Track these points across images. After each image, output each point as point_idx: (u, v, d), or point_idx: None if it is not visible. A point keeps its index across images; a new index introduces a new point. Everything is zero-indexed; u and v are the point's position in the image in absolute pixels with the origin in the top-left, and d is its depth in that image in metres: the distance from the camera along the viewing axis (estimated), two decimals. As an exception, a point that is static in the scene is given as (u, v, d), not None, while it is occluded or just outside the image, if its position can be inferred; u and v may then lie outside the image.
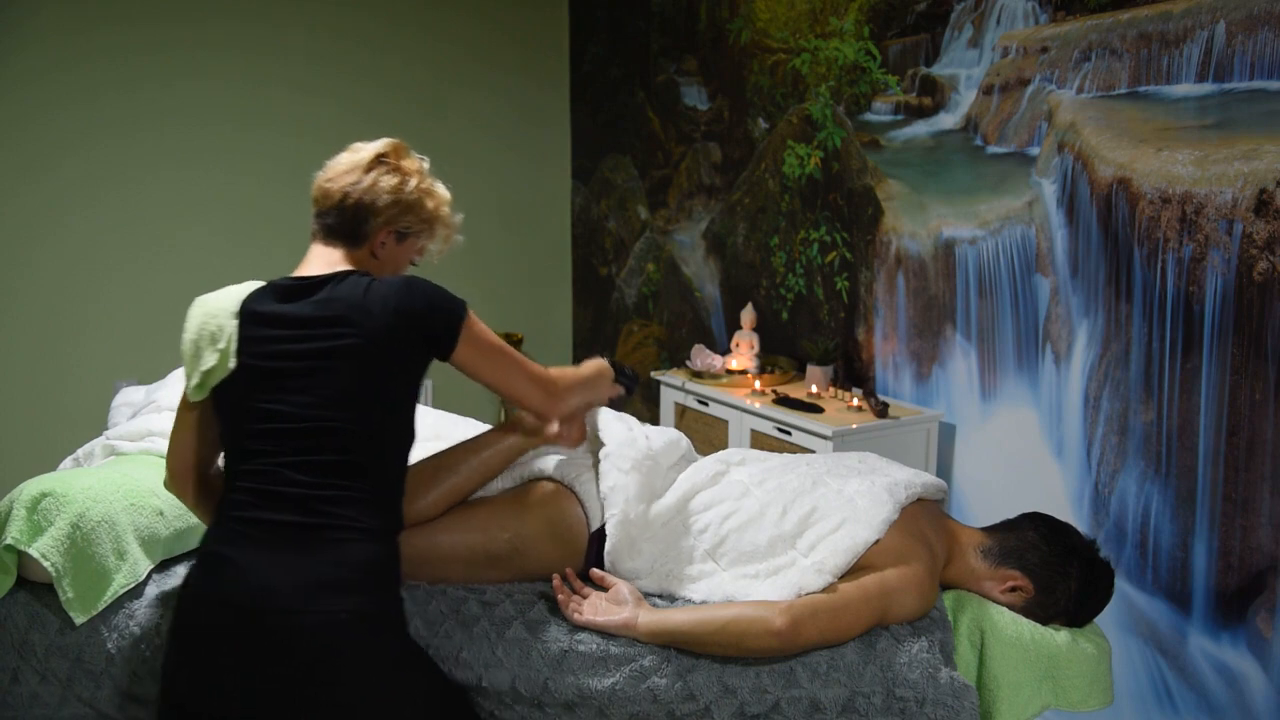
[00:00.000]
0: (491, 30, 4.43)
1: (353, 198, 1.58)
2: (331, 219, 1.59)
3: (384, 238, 1.61)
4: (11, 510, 1.64)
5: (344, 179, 1.60)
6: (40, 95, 3.61)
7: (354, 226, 1.59)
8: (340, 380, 1.47)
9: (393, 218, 1.61)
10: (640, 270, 4.28)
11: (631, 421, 1.90)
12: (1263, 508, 2.17)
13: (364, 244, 1.60)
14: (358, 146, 1.66)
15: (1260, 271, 2.13)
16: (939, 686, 1.59)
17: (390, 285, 1.51)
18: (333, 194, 1.60)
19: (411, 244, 1.67)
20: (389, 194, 1.60)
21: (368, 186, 1.59)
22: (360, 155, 1.63)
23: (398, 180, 1.62)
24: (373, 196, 1.59)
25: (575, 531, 1.74)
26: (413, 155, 1.69)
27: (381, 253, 1.62)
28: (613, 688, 1.56)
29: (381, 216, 1.60)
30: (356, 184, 1.59)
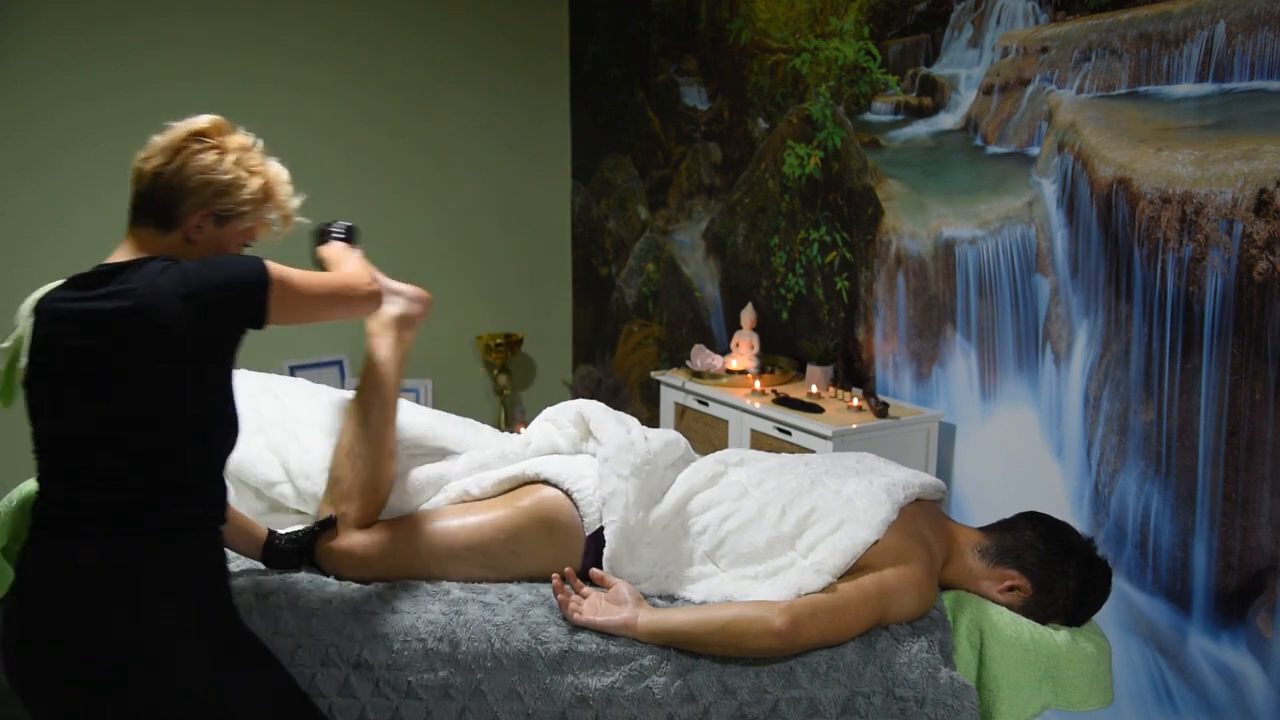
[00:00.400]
0: (491, 30, 4.43)
1: (164, 178, 1.47)
2: (141, 201, 1.49)
3: (199, 220, 1.50)
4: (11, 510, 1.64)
5: (157, 158, 1.48)
6: (40, 95, 3.61)
7: (164, 209, 1.48)
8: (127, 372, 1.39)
9: (207, 199, 1.49)
10: (640, 270, 4.28)
11: (631, 423, 1.90)
12: (1263, 508, 2.17)
13: (176, 228, 1.49)
14: (176, 124, 1.53)
15: (1260, 271, 2.13)
16: (939, 686, 1.59)
17: (184, 269, 1.42)
18: (145, 174, 1.48)
19: (235, 227, 1.54)
20: (201, 174, 1.48)
21: (179, 166, 1.47)
22: (175, 133, 1.51)
23: (213, 159, 1.49)
24: (183, 177, 1.47)
25: (571, 535, 1.74)
26: (239, 132, 1.57)
27: (198, 236, 1.51)
28: (612, 687, 1.56)
29: (193, 198, 1.48)
30: (168, 164, 1.47)
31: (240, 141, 1.55)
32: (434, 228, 4.44)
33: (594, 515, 1.73)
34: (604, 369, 4.60)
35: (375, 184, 4.26)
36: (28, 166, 3.62)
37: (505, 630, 1.60)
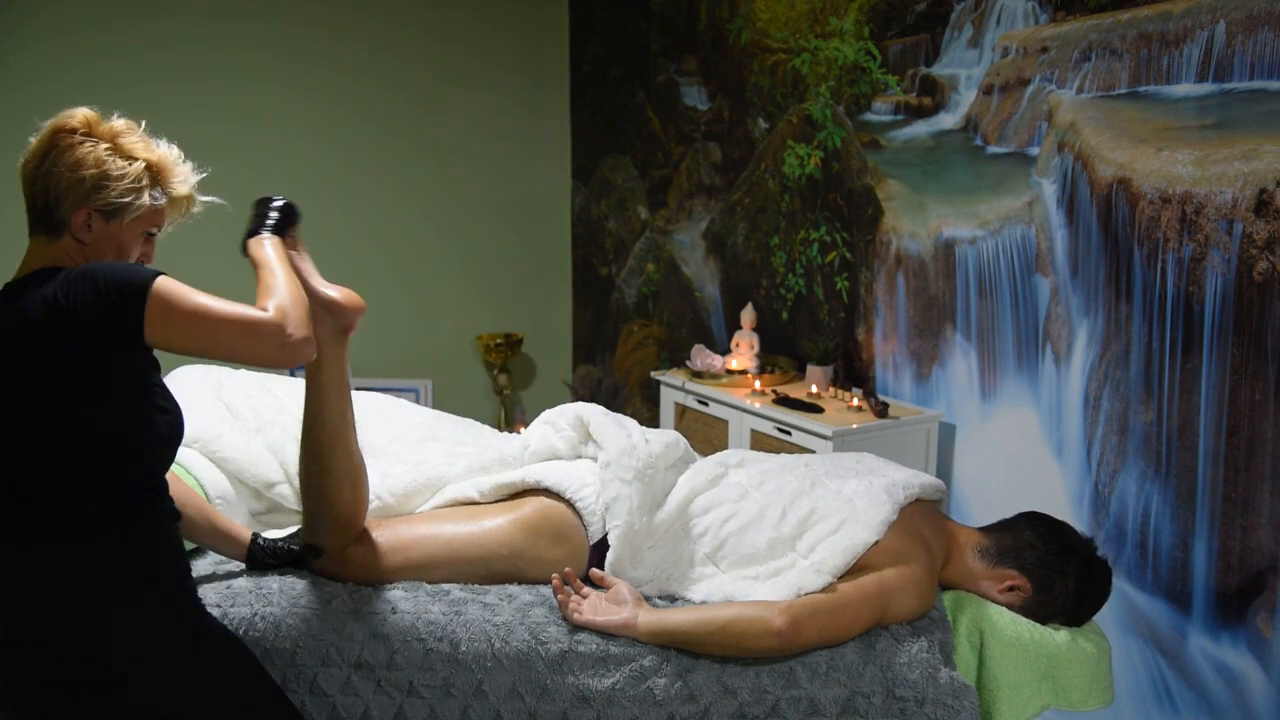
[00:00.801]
0: (491, 30, 4.44)
1: (39, 181, 1.40)
2: (30, 208, 1.41)
3: (84, 219, 1.40)
4: None
5: (31, 162, 1.41)
6: (40, 95, 3.61)
7: (46, 213, 1.40)
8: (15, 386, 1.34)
9: (83, 196, 1.39)
10: (640, 270, 4.28)
11: (631, 426, 1.89)
12: (1263, 508, 2.17)
13: (63, 231, 1.40)
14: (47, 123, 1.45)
15: (1260, 271, 2.13)
16: (939, 686, 1.59)
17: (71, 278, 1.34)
18: (24, 180, 1.41)
19: (125, 220, 1.43)
20: (71, 170, 1.39)
21: (49, 167, 1.39)
22: (42, 132, 1.43)
23: (82, 153, 1.40)
24: (56, 177, 1.39)
25: (575, 544, 1.73)
26: (116, 119, 1.47)
27: (88, 236, 1.41)
28: (613, 688, 1.56)
29: (70, 197, 1.39)
30: (40, 165, 1.40)
31: (112, 129, 1.44)
32: (434, 228, 4.44)
33: (597, 524, 1.73)
34: (604, 369, 4.60)
35: (375, 184, 4.26)
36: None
37: (505, 630, 1.60)
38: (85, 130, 1.42)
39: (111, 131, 1.44)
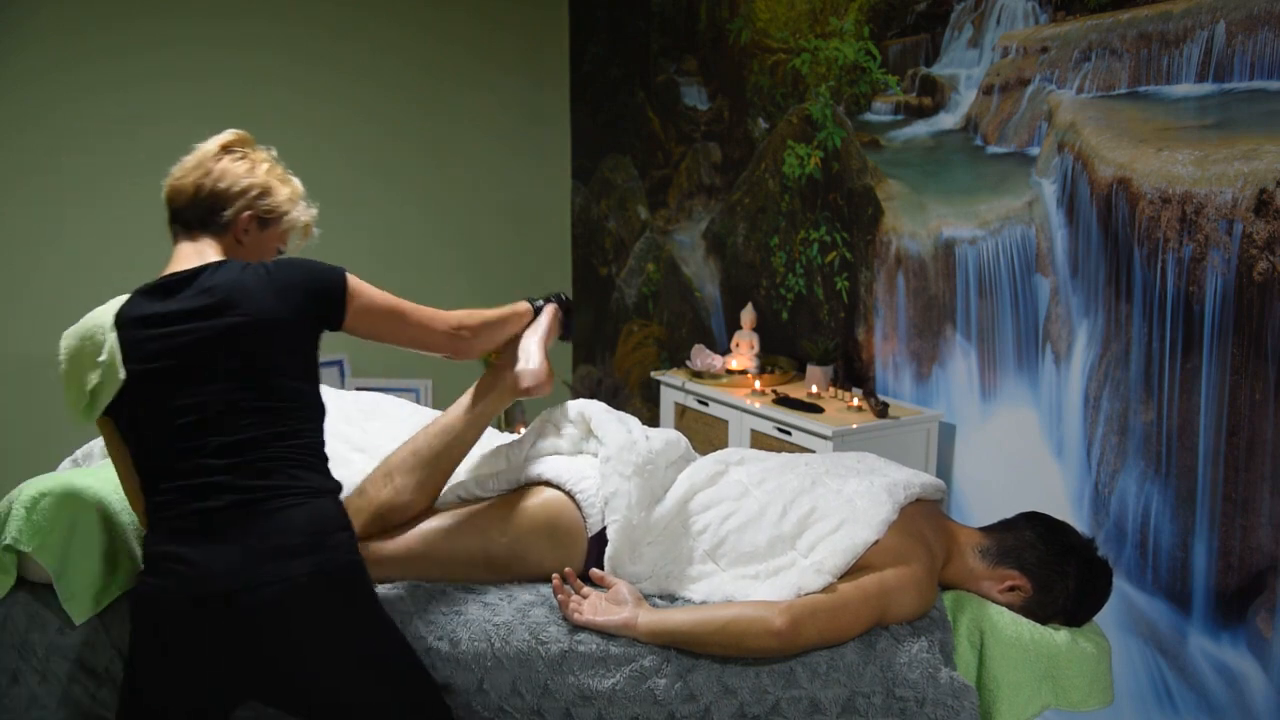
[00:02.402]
0: (492, 30, 4.43)
1: (205, 188, 1.59)
2: (189, 213, 1.60)
3: (246, 224, 1.61)
4: (11, 510, 1.64)
5: (193, 174, 1.61)
6: (40, 95, 3.61)
7: (212, 215, 1.60)
8: (239, 359, 1.48)
9: (250, 201, 1.61)
10: (640, 270, 4.28)
11: (632, 423, 1.90)
12: (1263, 508, 2.17)
13: (227, 232, 1.61)
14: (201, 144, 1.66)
15: (1260, 271, 2.13)
16: (939, 686, 1.59)
17: (264, 264, 1.54)
18: (185, 189, 1.60)
19: (275, 231, 1.66)
20: (240, 178, 1.61)
21: (218, 174, 1.60)
22: (206, 148, 1.64)
23: (247, 165, 1.63)
24: (226, 183, 1.60)
25: (574, 536, 1.74)
26: (259, 146, 1.70)
27: (246, 239, 1.62)
28: (613, 688, 1.56)
29: (238, 201, 1.60)
30: (207, 174, 1.60)
31: (264, 153, 1.69)
32: (434, 228, 4.44)
33: (597, 516, 1.73)
34: (604, 369, 4.60)
35: (375, 184, 4.26)
36: (28, 166, 3.62)
37: (505, 630, 1.60)
38: (242, 148, 1.65)
39: (266, 156, 1.68)
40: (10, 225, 3.64)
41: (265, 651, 1.42)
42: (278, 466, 1.48)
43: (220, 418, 1.47)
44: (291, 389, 1.52)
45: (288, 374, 1.52)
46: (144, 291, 1.54)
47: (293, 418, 1.51)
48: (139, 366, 1.48)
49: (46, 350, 3.71)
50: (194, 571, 1.41)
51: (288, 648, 1.42)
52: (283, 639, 1.42)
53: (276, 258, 1.59)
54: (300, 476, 1.49)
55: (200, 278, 1.52)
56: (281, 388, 1.51)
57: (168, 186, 1.63)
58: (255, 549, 1.42)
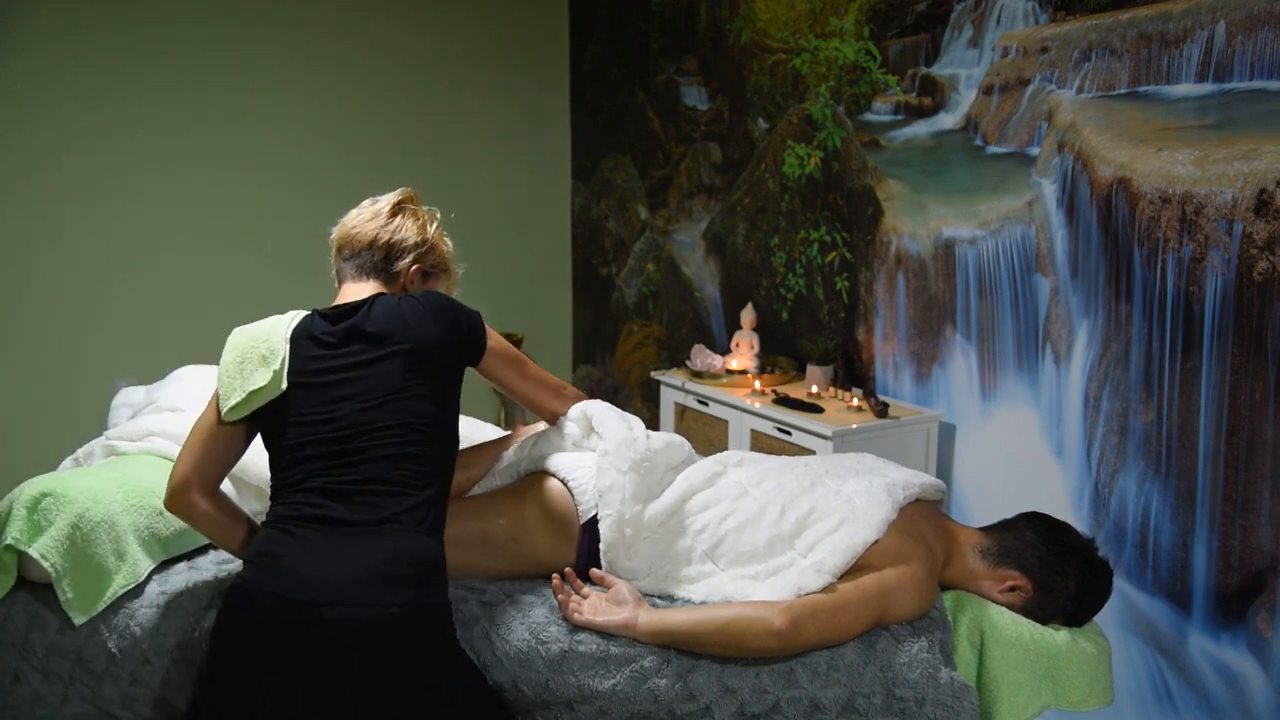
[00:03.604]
0: (492, 30, 4.44)
1: (383, 240, 1.72)
2: (364, 259, 1.72)
3: (413, 276, 1.74)
4: (11, 510, 1.64)
5: (371, 224, 1.73)
6: (40, 95, 3.61)
7: (387, 265, 1.72)
8: (392, 381, 1.56)
9: (420, 255, 1.75)
10: (640, 270, 4.29)
11: (634, 422, 1.90)
12: (1263, 508, 2.17)
13: (397, 281, 1.73)
14: (376, 198, 1.80)
15: (1260, 271, 2.13)
16: (939, 686, 1.59)
17: (416, 298, 1.65)
18: (362, 238, 1.72)
19: (433, 283, 1.80)
20: (416, 234, 1.75)
21: (396, 228, 1.73)
22: (383, 203, 1.77)
23: (421, 222, 1.78)
24: (402, 236, 1.73)
25: (568, 521, 1.75)
26: (424, 205, 1.84)
27: (411, 289, 1.74)
28: (613, 688, 1.56)
29: (411, 255, 1.73)
30: (385, 227, 1.73)
31: (430, 213, 1.83)
32: (434, 228, 4.44)
33: (589, 503, 1.74)
34: (604, 369, 4.60)
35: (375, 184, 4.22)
36: (28, 166, 3.62)
37: (505, 630, 1.60)
38: (414, 205, 1.80)
39: (431, 215, 1.83)
40: (10, 225, 3.64)
41: (338, 671, 1.42)
42: (404, 494, 1.53)
43: (361, 433, 1.53)
44: (432, 417, 1.58)
45: (434, 402, 1.59)
46: (320, 313, 1.65)
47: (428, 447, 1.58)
48: (301, 380, 1.57)
49: (47, 350, 3.72)
50: (291, 574, 1.44)
51: (363, 674, 1.42)
52: (360, 665, 1.42)
53: (425, 291, 1.70)
54: (419, 512, 1.54)
55: (363, 309, 1.62)
56: (425, 414, 1.58)
57: (342, 234, 1.74)
58: (355, 569, 1.44)
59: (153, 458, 1.91)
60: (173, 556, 1.79)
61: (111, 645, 1.63)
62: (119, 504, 1.69)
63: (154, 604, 1.67)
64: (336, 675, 1.42)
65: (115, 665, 1.63)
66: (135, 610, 1.66)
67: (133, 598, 1.67)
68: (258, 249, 3.99)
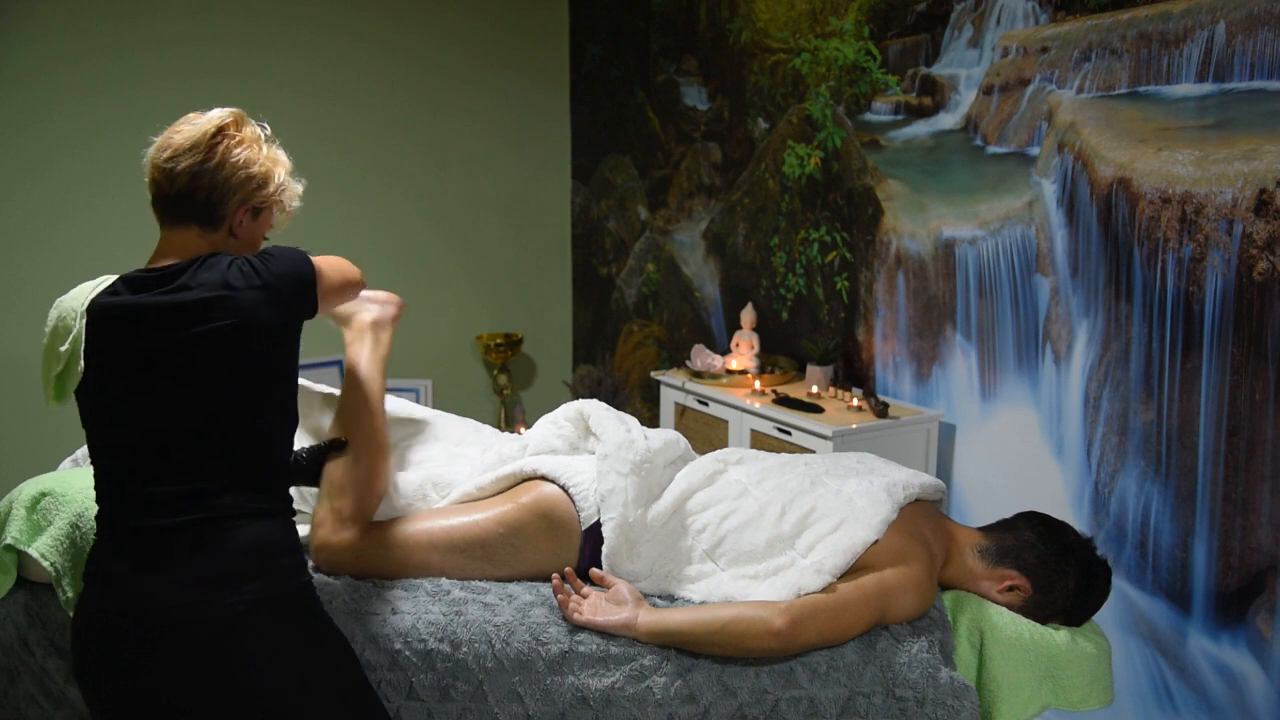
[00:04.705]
0: (492, 30, 4.44)
1: (204, 178, 1.47)
2: (184, 204, 1.48)
3: (241, 216, 1.51)
4: (11, 510, 1.64)
5: (187, 158, 1.46)
6: (40, 95, 3.61)
7: (207, 208, 1.48)
8: (213, 368, 1.40)
9: (249, 194, 1.50)
10: (640, 270, 4.29)
11: (631, 422, 1.90)
12: (1263, 508, 2.17)
13: (221, 225, 1.50)
14: (193, 118, 1.52)
15: (1260, 271, 2.13)
16: (939, 686, 1.59)
17: (253, 262, 1.46)
18: (178, 175, 1.46)
19: (266, 218, 1.56)
20: (242, 169, 1.49)
21: (217, 163, 1.47)
22: (201, 129, 1.49)
23: (249, 153, 1.50)
24: (226, 174, 1.48)
25: (569, 529, 1.74)
26: (252, 123, 1.56)
27: (240, 231, 1.53)
28: (612, 688, 1.56)
29: (238, 194, 1.49)
30: (204, 162, 1.47)
31: (257, 132, 1.55)
32: (434, 228, 4.44)
33: (590, 509, 1.74)
34: (604, 369, 4.60)
35: (375, 184, 4.26)
36: (28, 166, 3.63)
37: (506, 631, 1.60)
38: (240, 130, 1.52)
39: (258, 136, 1.54)
40: (10, 224, 3.64)
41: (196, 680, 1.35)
42: (228, 486, 1.41)
43: (175, 430, 1.40)
44: (260, 402, 1.45)
45: (262, 384, 1.45)
46: (122, 280, 1.45)
47: (257, 432, 1.46)
48: (101, 361, 1.41)
49: (46, 350, 3.71)
50: (128, 593, 1.36)
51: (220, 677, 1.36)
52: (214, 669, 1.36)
53: (264, 251, 1.51)
54: (248, 499, 1.43)
55: (184, 274, 1.43)
56: (251, 397, 1.44)
57: (153, 166, 1.48)
58: (198, 575, 1.37)
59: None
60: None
61: (111, 645, 1.63)
62: (118, 504, 1.69)
63: (154, 604, 1.67)
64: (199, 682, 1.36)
65: (115, 665, 1.63)
66: (135, 610, 1.66)
67: (132, 597, 1.67)
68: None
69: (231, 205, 1.49)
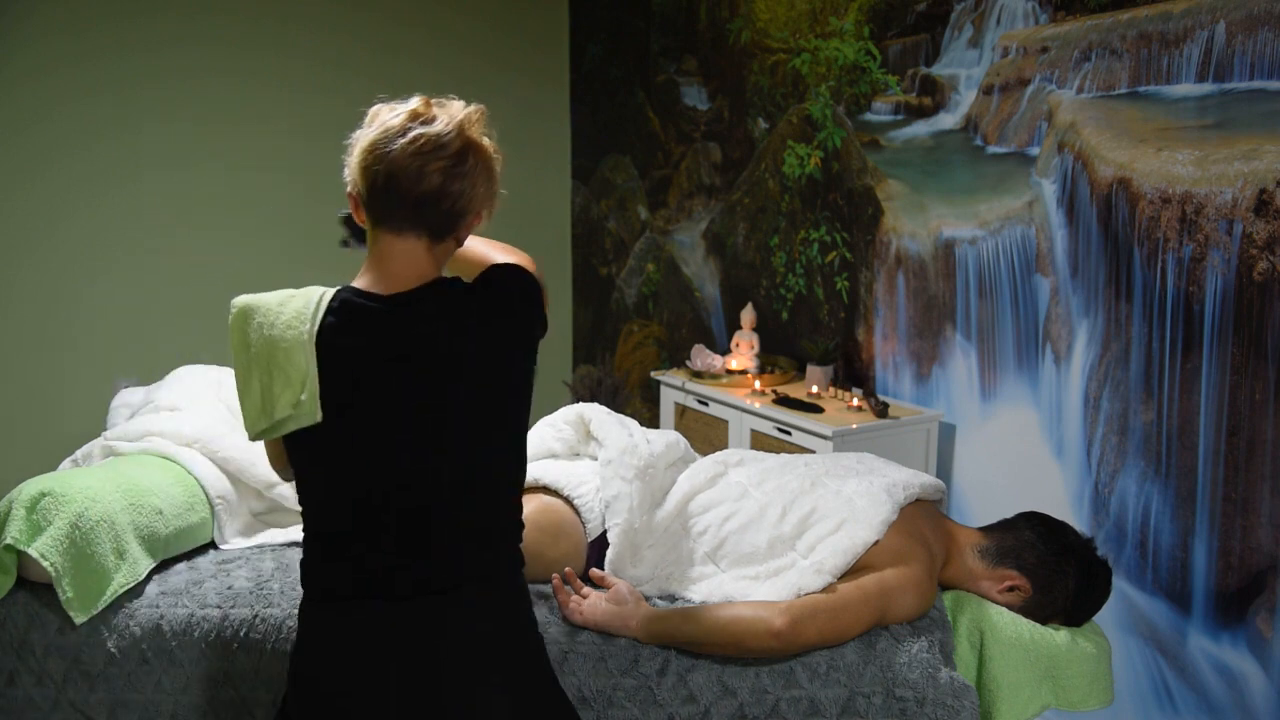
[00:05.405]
0: (492, 30, 4.43)
1: (458, 181, 1.29)
2: (425, 210, 1.29)
3: (473, 224, 1.36)
4: (11, 510, 1.64)
5: (435, 161, 1.28)
6: (39, 94, 3.61)
7: (451, 219, 1.31)
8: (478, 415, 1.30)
9: (487, 201, 1.35)
10: (640, 270, 4.28)
11: (632, 425, 1.89)
12: (1263, 508, 2.17)
13: (449, 237, 1.34)
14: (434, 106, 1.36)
15: (1260, 271, 2.13)
16: (939, 686, 1.59)
17: (492, 290, 1.33)
18: (429, 179, 1.27)
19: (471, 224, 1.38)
20: (487, 180, 1.33)
21: (470, 169, 1.30)
22: (455, 119, 1.33)
23: (494, 163, 1.35)
24: (474, 183, 1.31)
25: (573, 541, 1.73)
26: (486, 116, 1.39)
27: (463, 236, 1.37)
28: (613, 688, 1.56)
29: (483, 204, 1.34)
30: (456, 167, 1.29)
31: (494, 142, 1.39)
32: (434, 228, 4.44)
33: (596, 521, 1.73)
34: (604, 369, 4.59)
35: (375, 184, 4.25)
36: (27, 166, 3.62)
37: (505, 630, 1.60)
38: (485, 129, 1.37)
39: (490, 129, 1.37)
40: (9, 224, 3.64)
41: None
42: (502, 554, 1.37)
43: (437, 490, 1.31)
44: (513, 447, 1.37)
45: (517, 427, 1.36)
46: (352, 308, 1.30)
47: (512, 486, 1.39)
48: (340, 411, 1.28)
49: (47, 350, 3.72)
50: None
51: None
52: None
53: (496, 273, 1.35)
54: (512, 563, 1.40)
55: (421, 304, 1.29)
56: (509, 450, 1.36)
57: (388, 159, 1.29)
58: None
59: (151, 457, 1.91)
60: (173, 556, 1.79)
61: (111, 645, 1.63)
62: (118, 503, 1.69)
63: (154, 604, 1.67)
64: None
65: (113, 665, 1.62)
66: (135, 610, 1.66)
67: (132, 597, 1.67)
68: (258, 247, 3.98)
69: (472, 215, 1.34)
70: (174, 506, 1.78)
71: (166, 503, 1.76)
